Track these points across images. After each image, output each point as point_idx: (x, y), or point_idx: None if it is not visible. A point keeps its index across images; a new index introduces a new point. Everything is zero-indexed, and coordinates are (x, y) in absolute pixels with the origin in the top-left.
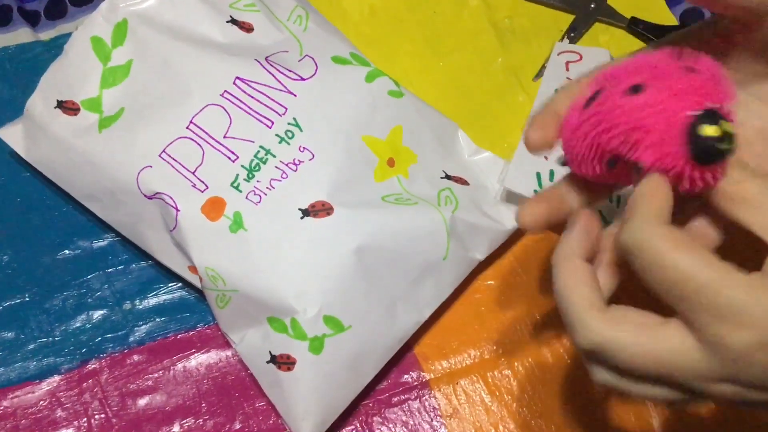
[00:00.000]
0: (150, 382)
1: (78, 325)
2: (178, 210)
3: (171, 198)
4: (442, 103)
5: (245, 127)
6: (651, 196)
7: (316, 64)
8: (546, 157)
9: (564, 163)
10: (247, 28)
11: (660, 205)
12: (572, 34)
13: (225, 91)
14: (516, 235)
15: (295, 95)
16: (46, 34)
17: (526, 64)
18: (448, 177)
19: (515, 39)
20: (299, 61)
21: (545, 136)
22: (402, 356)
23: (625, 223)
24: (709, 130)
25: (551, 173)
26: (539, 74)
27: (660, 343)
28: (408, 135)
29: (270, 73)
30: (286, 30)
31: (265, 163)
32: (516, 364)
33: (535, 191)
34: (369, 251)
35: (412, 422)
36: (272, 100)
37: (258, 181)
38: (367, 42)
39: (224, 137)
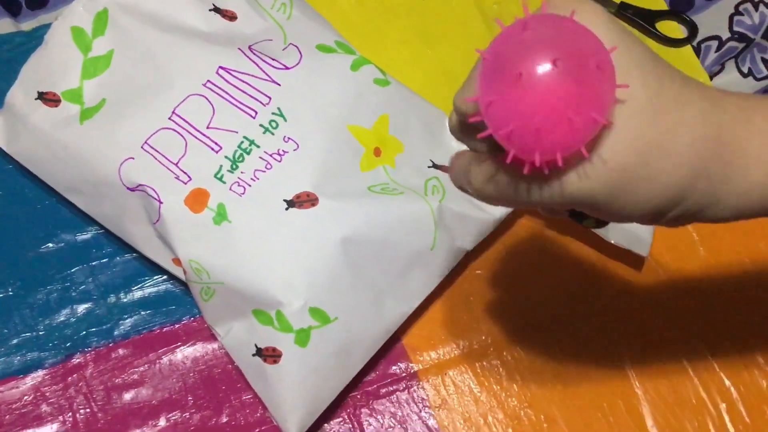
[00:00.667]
0: (135, 376)
1: (62, 319)
2: (161, 202)
3: (153, 190)
4: (430, 91)
5: (228, 118)
6: None
7: (300, 53)
8: None
9: None
10: (230, 16)
11: None
12: None
13: (208, 80)
14: (505, 224)
15: (279, 84)
16: (27, 25)
17: None
18: (435, 166)
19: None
20: (283, 49)
21: None
22: (390, 347)
23: None
24: None
25: None
26: None
27: None
28: (395, 124)
29: (253, 62)
30: (270, 18)
31: (248, 153)
32: (505, 354)
33: None
34: (355, 242)
35: (400, 413)
36: (256, 89)
37: (242, 172)
38: (355, 30)
39: (207, 128)
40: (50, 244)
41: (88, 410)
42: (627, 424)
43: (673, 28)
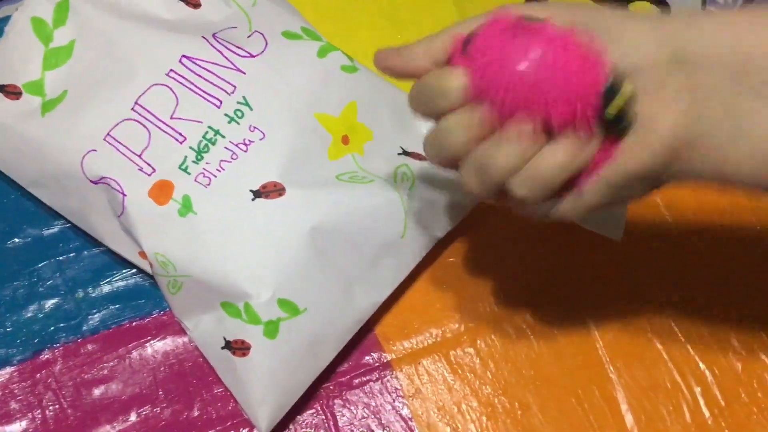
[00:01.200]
0: (105, 371)
1: (29, 315)
2: (124, 195)
3: (117, 182)
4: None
5: (193, 107)
6: None
7: (265, 40)
8: None
9: None
10: (193, 3)
11: None
12: (533, 1)
13: (171, 70)
14: (477, 211)
15: (244, 73)
16: None
17: None
18: (405, 153)
19: (474, 8)
20: (248, 37)
21: None
22: (363, 337)
23: None
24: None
25: None
26: None
27: None
28: (363, 111)
29: (217, 50)
30: (235, 5)
31: (214, 144)
32: (479, 342)
33: None
34: (323, 232)
35: (374, 404)
36: (220, 78)
37: (207, 163)
38: (322, 15)
39: (171, 118)
40: (16, 239)
41: (57, 407)
42: (601, 409)
43: (646, 9)
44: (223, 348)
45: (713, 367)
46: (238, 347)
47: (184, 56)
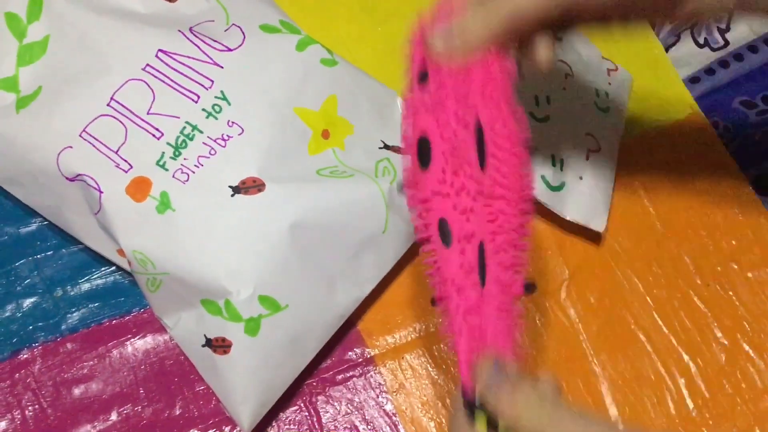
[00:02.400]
0: (85, 371)
1: (7, 314)
2: (101, 192)
3: (93, 179)
4: (380, 69)
5: (170, 103)
6: None
7: (243, 34)
8: None
9: None
10: None
11: None
12: None
13: (147, 64)
14: None
15: (222, 67)
16: None
17: None
18: (386, 147)
19: None
20: (225, 30)
21: None
22: (345, 333)
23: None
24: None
25: None
26: None
27: None
28: (343, 105)
29: (194, 44)
30: None
31: (191, 139)
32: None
33: None
34: (304, 228)
35: (357, 399)
36: (198, 72)
37: (185, 159)
38: (300, 8)
39: (148, 113)
40: None
41: (37, 406)
42: (586, 402)
43: None
44: (203, 346)
45: (697, 359)
46: (219, 345)
47: (160, 50)
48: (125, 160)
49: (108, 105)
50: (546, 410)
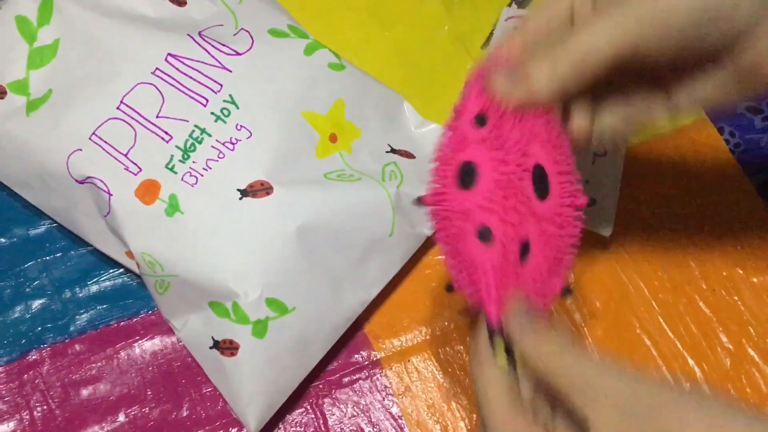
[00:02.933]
0: (93, 372)
1: (16, 315)
2: (110, 194)
3: (103, 182)
4: (387, 74)
5: (179, 106)
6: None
7: (252, 38)
8: None
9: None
10: (179, 1)
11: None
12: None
13: (156, 68)
14: None
15: (231, 71)
16: None
17: (474, 31)
18: (393, 151)
19: (462, 5)
20: (234, 35)
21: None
22: (352, 336)
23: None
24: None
25: None
26: (487, 42)
27: None
28: (350, 109)
29: (203, 48)
30: (221, 2)
31: (200, 142)
32: (468, 339)
33: None
34: (311, 231)
35: (363, 402)
36: (206, 76)
37: (194, 162)
38: (309, 13)
39: (157, 117)
40: (2, 239)
41: (45, 407)
42: None
43: None
44: (211, 348)
45: (702, 363)
46: (226, 347)
47: (169, 54)
48: (134, 163)
49: (117, 108)
50: (568, 355)
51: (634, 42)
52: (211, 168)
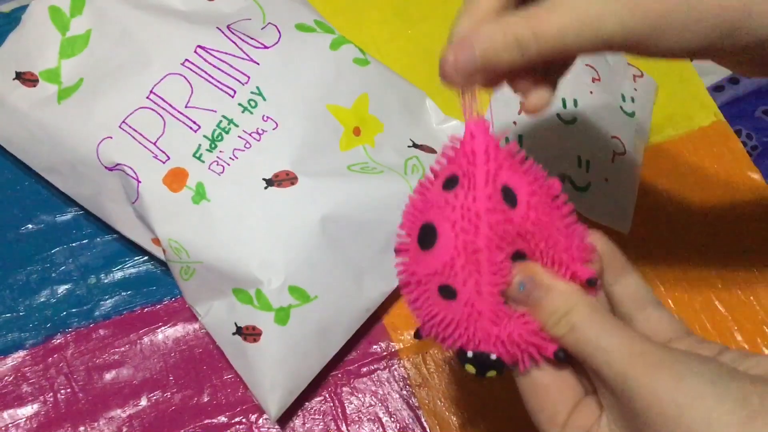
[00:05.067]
0: (116, 356)
1: (42, 300)
2: (139, 181)
3: (132, 169)
4: (410, 71)
5: (207, 97)
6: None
7: (279, 32)
8: (515, 122)
9: None
10: None
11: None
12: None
13: (186, 59)
14: None
15: (258, 64)
16: (6, 6)
17: None
18: (415, 146)
19: None
20: (262, 29)
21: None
22: (371, 327)
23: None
24: (469, 368)
25: (519, 138)
26: None
27: None
28: (374, 103)
29: (232, 41)
30: None
31: (227, 132)
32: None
33: None
34: (334, 221)
35: (381, 392)
36: (234, 68)
37: (221, 151)
38: (334, 9)
39: (186, 107)
40: (30, 225)
41: (69, 390)
42: None
43: None
44: (234, 334)
45: None
46: (249, 333)
47: (199, 46)
48: (163, 151)
49: (147, 98)
50: (599, 314)
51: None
52: (237, 157)
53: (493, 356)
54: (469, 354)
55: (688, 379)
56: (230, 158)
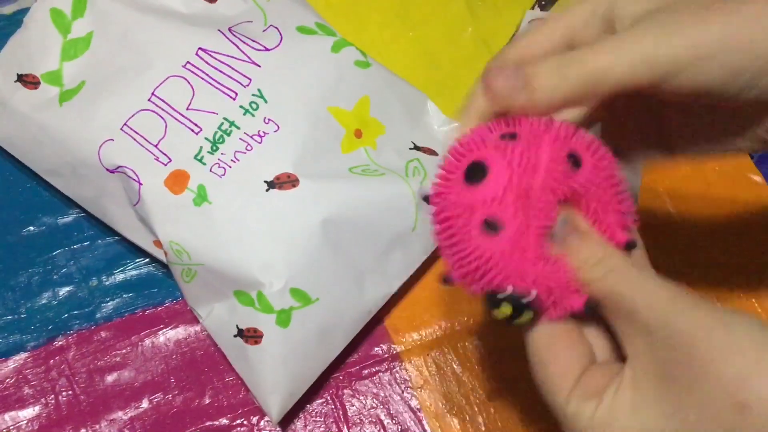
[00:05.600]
0: (118, 359)
1: (44, 302)
2: (140, 184)
3: (133, 171)
4: (411, 73)
5: (208, 99)
6: None
7: (280, 35)
8: None
9: None
10: None
11: None
12: (543, 2)
13: (187, 62)
14: None
15: (260, 66)
16: (8, 8)
17: (497, 33)
18: (416, 148)
19: (485, 7)
20: (263, 31)
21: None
22: (372, 329)
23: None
24: (504, 310)
25: None
26: None
27: None
28: (375, 106)
29: (233, 43)
30: (251, 0)
31: (229, 135)
32: (486, 334)
33: None
34: (336, 223)
35: (382, 394)
36: (236, 71)
37: (222, 154)
38: (335, 12)
39: (187, 109)
40: (31, 228)
41: (70, 392)
42: None
43: None
44: (235, 336)
45: None
46: (250, 335)
47: (200, 49)
48: (164, 154)
49: (149, 100)
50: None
51: (666, 72)
52: (239, 160)
53: (530, 297)
54: (508, 290)
55: (733, 323)
56: (231, 160)
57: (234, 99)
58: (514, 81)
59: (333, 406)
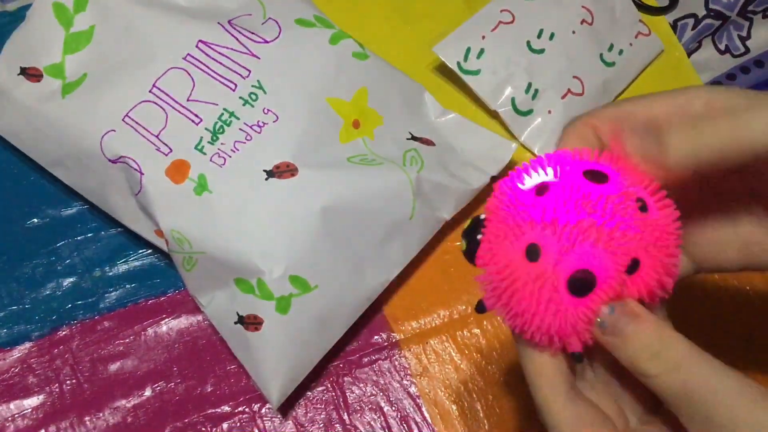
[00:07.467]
0: (121, 348)
1: (48, 292)
2: (142, 173)
3: (135, 161)
4: (409, 66)
5: (209, 90)
6: None
7: (279, 27)
8: (483, 36)
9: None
10: None
11: None
12: None
13: (188, 54)
14: (483, 195)
15: (259, 58)
16: (12, 5)
17: None
18: (414, 138)
19: (482, 2)
20: (262, 23)
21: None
22: (372, 317)
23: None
24: None
25: (480, 51)
26: None
27: None
28: (373, 97)
29: (233, 36)
30: None
31: (229, 125)
32: (485, 322)
33: (458, 63)
34: (334, 211)
35: (382, 381)
36: (235, 63)
37: (222, 144)
38: (334, 6)
39: (187, 100)
40: (36, 219)
41: (74, 381)
42: None
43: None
44: (236, 323)
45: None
46: (251, 322)
47: (200, 41)
48: (165, 144)
49: (150, 92)
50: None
51: None
52: (238, 150)
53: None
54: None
55: None
56: (231, 150)
57: (234, 90)
58: (648, 140)
59: (333, 394)
